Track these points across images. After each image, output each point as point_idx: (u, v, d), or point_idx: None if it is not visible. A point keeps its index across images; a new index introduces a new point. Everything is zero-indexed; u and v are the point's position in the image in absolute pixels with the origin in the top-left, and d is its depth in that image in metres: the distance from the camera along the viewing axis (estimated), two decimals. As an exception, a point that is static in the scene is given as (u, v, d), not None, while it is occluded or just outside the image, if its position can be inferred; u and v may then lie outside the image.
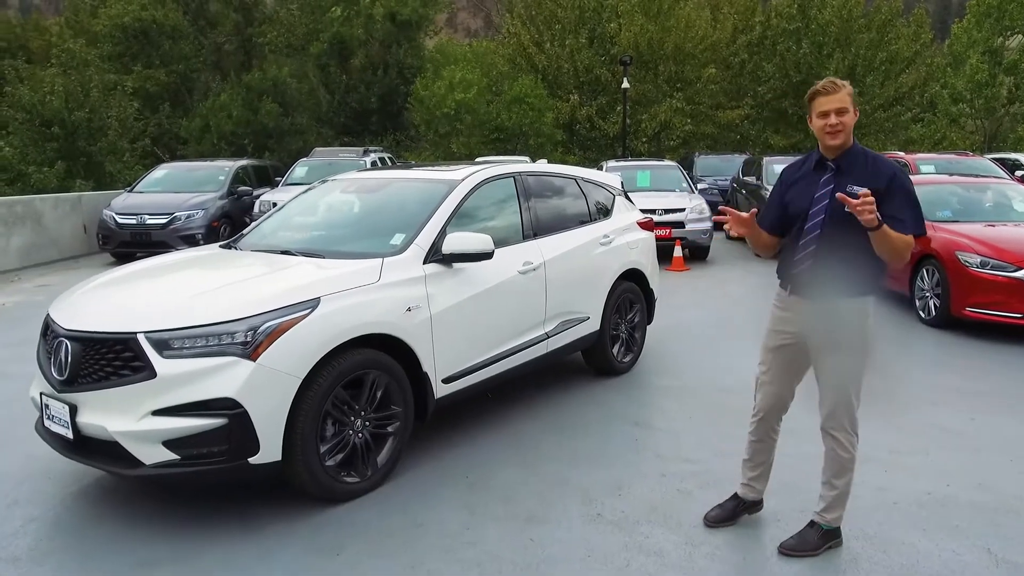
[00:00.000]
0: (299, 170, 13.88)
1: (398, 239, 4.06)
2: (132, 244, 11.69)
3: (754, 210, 3.07)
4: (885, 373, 3.23)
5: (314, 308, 3.39)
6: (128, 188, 13.54)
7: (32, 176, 18.71)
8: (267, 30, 31.55)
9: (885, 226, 2.69)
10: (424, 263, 3.98)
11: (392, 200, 4.72)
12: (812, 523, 3.17)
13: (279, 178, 14.55)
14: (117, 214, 11.80)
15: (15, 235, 11.63)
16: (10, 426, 4.50)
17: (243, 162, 14.52)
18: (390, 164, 15.90)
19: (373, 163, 14.51)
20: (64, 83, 19.03)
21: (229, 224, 12.31)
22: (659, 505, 3.55)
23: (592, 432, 4.50)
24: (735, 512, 3.38)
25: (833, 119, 2.85)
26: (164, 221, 11.70)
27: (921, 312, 7.38)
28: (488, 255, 4.06)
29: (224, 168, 13.66)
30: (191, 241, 11.44)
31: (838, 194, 2.72)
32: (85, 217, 13.15)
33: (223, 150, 23.83)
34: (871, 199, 2.62)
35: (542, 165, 5.61)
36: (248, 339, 3.20)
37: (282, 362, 3.24)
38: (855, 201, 2.63)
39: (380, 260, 3.82)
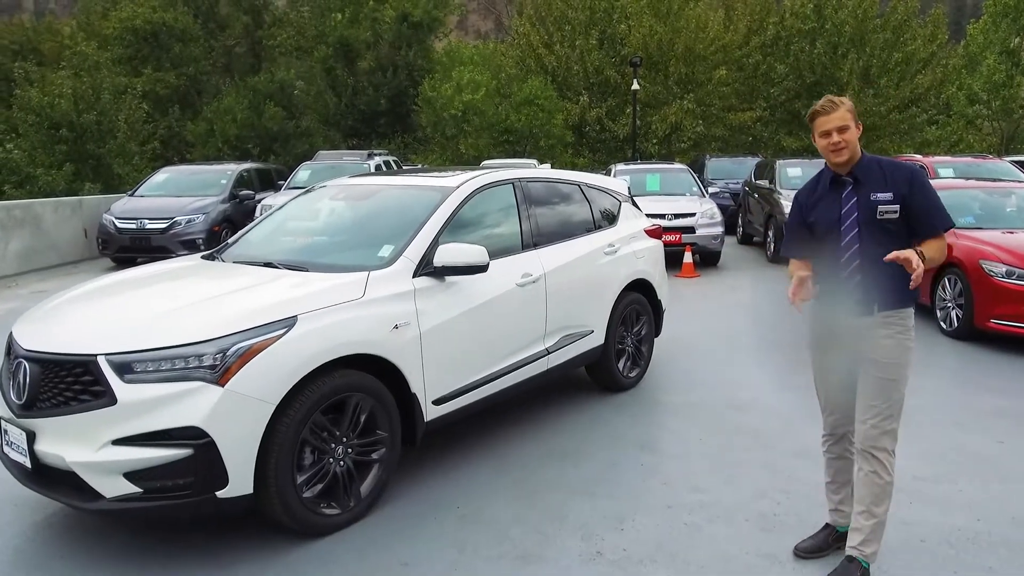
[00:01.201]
0: (302, 173, 13.67)
1: (386, 251, 3.80)
2: (132, 249, 11.51)
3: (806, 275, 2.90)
4: None
5: (290, 328, 3.13)
6: (129, 192, 13.37)
7: (40, 179, 18.64)
8: (277, 32, 31.49)
9: (925, 252, 2.69)
10: (414, 277, 3.72)
11: (382, 209, 4.46)
12: (851, 559, 2.90)
13: (282, 181, 14.35)
14: (117, 218, 11.63)
15: (14, 239, 11.46)
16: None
17: (246, 165, 14.33)
18: (395, 167, 15.67)
19: (377, 167, 14.29)
20: (73, 85, 18.95)
21: (231, 228, 12.10)
22: (664, 542, 3.27)
23: (595, 457, 4.21)
24: (827, 542, 3.15)
25: (835, 137, 2.84)
26: (164, 225, 11.52)
27: (943, 323, 7.05)
28: (483, 268, 3.80)
29: (227, 171, 13.48)
30: (191, 246, 11.24)
31: (889, 255, 2.65)
32: (86, 221, 12.98)
33: (228, 154, 23.69)
34: (920, 270, 2.60)
35: (544, 171, 5.34)
36: (216, 362, 2.95)
37: (253, 387, 2.99)
38: (908, 260, 2.61)
39: (366, 274, 3.56)
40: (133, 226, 11.53)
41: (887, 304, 2.82)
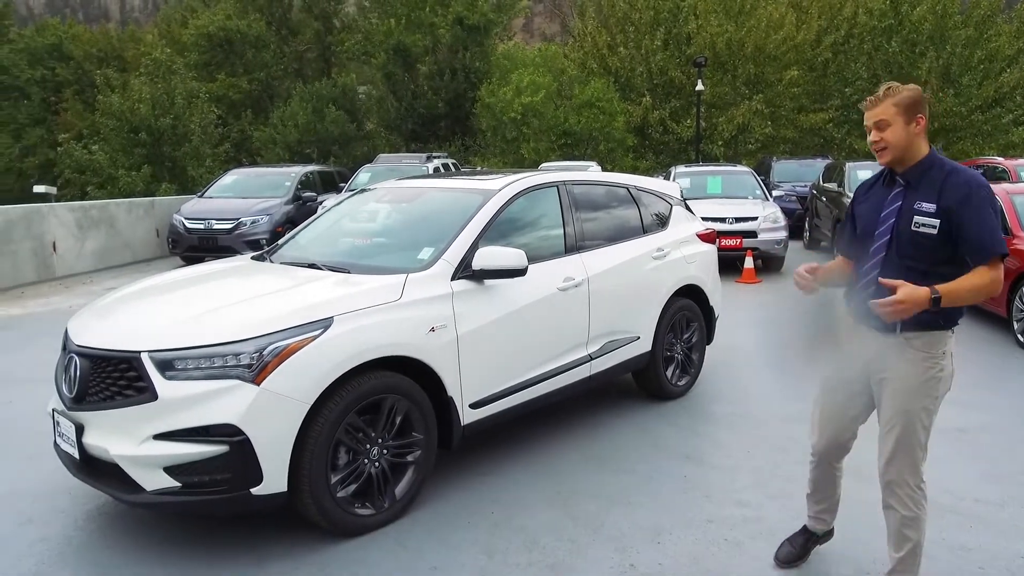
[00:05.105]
0: (362, 176, 13.91)
1: (426, 254, 3.80)
2: (200, 248, 11.90)
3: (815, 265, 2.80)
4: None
5: (326, 328, 3.16)
6: (199, 193, 13.86)
7: (121, 180, 19.59)
8: (345, 38, 32.24)
9: (940, 293, 2.38)
10: (452, 280, 3.71)
11: (425, 211, 4.47)
12: None
13: (344, 184, 14.63)
14: (186, 219, 12.05)
15: (89, 239, 12.03)
16: (40, 438, 4.45)
17: (309, 168, 14.67)
18: (454, 170, 15.79)
19: (436, 169, 14.42)
20: (151, 91, 19.83)
21: (293, 229, 12.40)
22: (702, 557, 3.16)
23: (637, 467, 4.12)
24: (806, 546, 3.09)
25: (874, 135, 2.58)
26: (230, 226, 11.88)
27: (1020, 336, 6.65)
28: (521, 272, 3.75)
29: (290, 174, 13.82)
30: (256, 246, 11.54)
31: (881, 279, 2.45)
32: (158, 221, 13.53)
33: (288, 158, 24.32)
34: (898, 306, 2.36)
35: (592, 173, 5.26)
36: (253, 361, 3.00)
37: (289, 386, 3.02)
38: (882, 305, 2.38)
39: (404, 276, 3.57)
40: (201, 226, 11.93)
41: (911, 324, 2.52)
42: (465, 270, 3.76)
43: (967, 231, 2.45)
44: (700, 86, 22.45)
